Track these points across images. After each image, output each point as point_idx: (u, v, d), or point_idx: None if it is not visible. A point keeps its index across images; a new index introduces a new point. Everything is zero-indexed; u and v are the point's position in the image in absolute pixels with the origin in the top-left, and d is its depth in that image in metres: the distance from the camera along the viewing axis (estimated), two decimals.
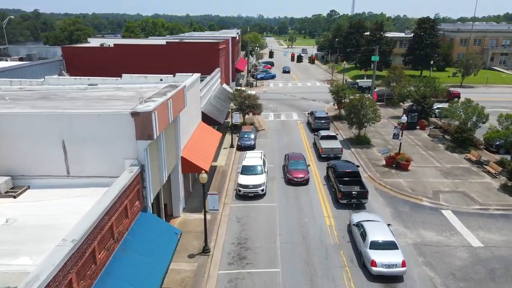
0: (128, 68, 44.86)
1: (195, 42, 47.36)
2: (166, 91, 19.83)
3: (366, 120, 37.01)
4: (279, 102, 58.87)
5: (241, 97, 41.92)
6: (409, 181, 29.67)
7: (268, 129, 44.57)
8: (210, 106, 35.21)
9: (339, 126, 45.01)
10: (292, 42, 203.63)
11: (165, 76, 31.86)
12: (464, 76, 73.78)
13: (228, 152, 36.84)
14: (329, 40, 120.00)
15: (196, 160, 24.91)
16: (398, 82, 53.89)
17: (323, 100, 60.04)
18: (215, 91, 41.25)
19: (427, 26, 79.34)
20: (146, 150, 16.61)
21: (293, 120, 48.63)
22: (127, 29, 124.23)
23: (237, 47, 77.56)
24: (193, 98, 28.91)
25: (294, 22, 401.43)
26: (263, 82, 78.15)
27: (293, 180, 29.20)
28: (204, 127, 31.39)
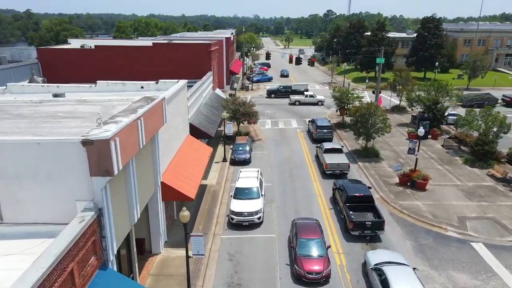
0: (111, 72, 40.68)
1: (185, 43, 43.30)
2: (138, 107, 15.73)
3: (375, 131, 33.06)
4: (277, 108, 54.84)
5: (235, 104, 37.85)
6: (429, 204, 25.71)
7: (265, 139, 40.52)
8: (199, 116, 31.11)
9: (343, 136, 41.04)
10: (288, 42, 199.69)
11: (147, 83, 27.86)
12: (471, 79, 70.07)
13: (220, 167, 32.77)
14: (327, 41, 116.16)
15: (180, 185, 20.84)
16: (404, 86, 50.01)
17: (324, 105, 56.06)
18: (206, 97, 37.18)
19: (431, 26, 75.63)
20: (105, 188, 12.53)
21: (292, 128, 44.60)
22: (118, 29, 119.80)
23: (231, 48, 73.49)
24: (178, 109, 24.84)
25: (291, 22, 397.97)
26: (259, 85, 74.10)
27: (305, 276, 17.93)
28: (192, 142, 27.30)
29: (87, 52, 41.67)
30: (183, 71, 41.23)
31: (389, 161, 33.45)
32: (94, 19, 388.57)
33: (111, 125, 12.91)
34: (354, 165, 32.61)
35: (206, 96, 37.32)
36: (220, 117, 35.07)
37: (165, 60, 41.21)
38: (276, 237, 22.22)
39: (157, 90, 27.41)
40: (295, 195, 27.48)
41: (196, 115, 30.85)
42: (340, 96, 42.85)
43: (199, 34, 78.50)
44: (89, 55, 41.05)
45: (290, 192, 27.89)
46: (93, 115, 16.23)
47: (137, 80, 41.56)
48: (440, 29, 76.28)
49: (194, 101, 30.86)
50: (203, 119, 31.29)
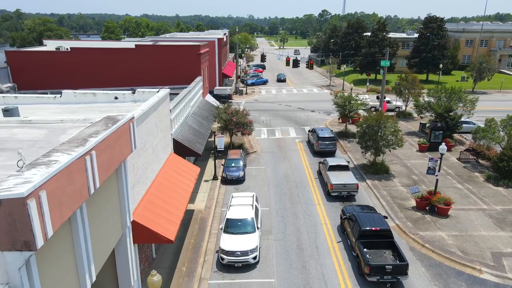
0: (88, 77, 36.52)
1: (171, 45, 39.22)
2: (91, 134, 11.65)
3: (385, 145, 29.19)
4: (273, 114, 50.86)
5: (227, 114, 33.82)
6: (454, 235, 21.86)
7: (260, 151, 36.52)
8: (186, 130, 27.04)
9: (346, 147, 37.15)
10: (283, 43, 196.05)
11: (123, 92, 23.82)
12: (477, 81, 66.58)
13: (210, 186, 28.72)
14: (324, 41, 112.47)
15: (157, 224, 16.80)
16: (411, 91, 46.28)
17: (323, 111, 52.21)
18: (194, 106, 33.15)
19: (434, 26, 72.12)
20: (27, 266, 8.48)
21: (290, 138, 40.62)
22: (107, 29, 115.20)
23: (224, 49, 69.46)
24: (158, 125, 20.79)
25: (285, 22, 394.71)
26: (254, 88, 70.12)
27: None
28: (175, 162, 23.24)
29: (62, 55, 37.46)
30: (169, 76, 37.27)
31: (401, 178, 29.60)
32: (86, 19, 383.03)
33: (39, 169, 8.84)
34: (362, 183, 28.74)
35: (194, 105, 33.29)
36: (210, 129, 31.01)
37: (149, 64, 37.15)
38: (276, 282, 18.24)
39: (134, 102, 23.37)
40: (296, 223, 23.52)
41: (182, 128, 26.79)
42: (343, 103, 38.94)
43: (190, 35, 74.38)
44: (65, 58, 36.85)
45: (290, 220, 23.92)
46: (31, 145, 12.14)
47: (118, 86, 37.53)
48: (443, 29, 72.79)
49: (180, 112, 26.81)
50: (190, 133, 27.22)
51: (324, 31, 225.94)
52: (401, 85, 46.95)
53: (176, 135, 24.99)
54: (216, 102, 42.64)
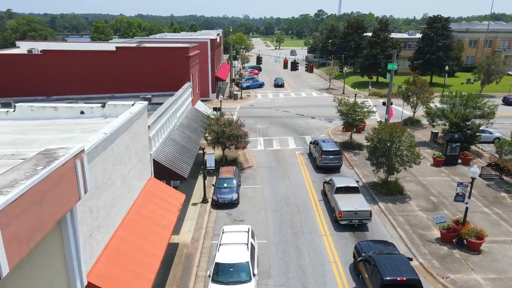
0: (62, 83, 32.42)
1: (157, 47, 35.24)
2: (10, 183, 7.69)
3: (401, 163, 25.40)
4: (270, 121, 46.96)
5: (219, 125, 29.88)
6: (492, 278, 18.08)
7: (257, 166, 32.64)
8: (170, 148, 23.08)
9: (352, 161, 33.35)
10: (279, 43, 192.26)
11: (91, 106, 19.94)
12: (484, 84, 63.11)
13: (198, 211, 24.79)
14: (321, 42, 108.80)
15: (123, 281, 12.88)
16: (420, 96, 42.59)
17: (324, 118, 48.41)
18: (182, 117, 29.22)
19: (438, 26, 68.59)
20: None
21: (289, 150, 36.75)
22: (96, 29, 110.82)
23: (218, 50, 65.53)
24: (131, 148, 16.84)
25: (281, 22, 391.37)
26: (250, 92, 66.18)
27: None
28: (155, 189, 19.31)
29: (34, 58, 33.35)
30: (155, 82, 33.35)
31: (418, 201, 25.82)
32: (79, 19, 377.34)
33: None
34: (374, 207, 24.93)
35: (182, 115, 29.35)
36: (199, 145, 27.03)
37: (132, 68, 33.17)
38: None
39: (104, 117, 19.41)
40: (300, 262, 19.64)
41: (165, 146, 22.84)
42: (347, 111, 35.11)
43: (182, 36, 70.35)
44: (36, 61, 32.76)
45: (293, 257, 20.04)
46: None
47: (96, 92, 33.42)
48: (448, 29, 69.31)
49: (162, 127, 22.87)
50: (175, 151, 23.26)
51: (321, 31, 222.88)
52: (409, 90, 43.22)
53: (157, 155, 21.06)
54: (207, 110, 38.71)
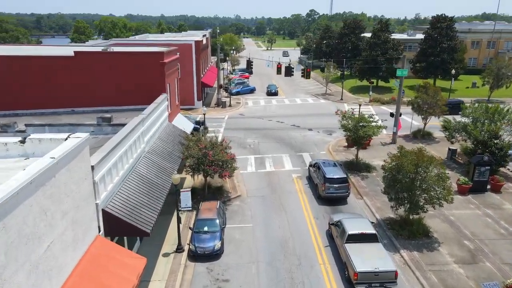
0: (4, 97, 26.66)
1: (125, 52, 29.43)
2: None
3: (429, 200, 20.02)
4: (262, 134, 41.42)
5: (199, 148, 24.23)
6: None
7: (247, 196, 27.08)
8: (130, 188, 17.39)
9: (360, 187, 27.94)
10: (271, 43, 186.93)
11: (5, 142, 14.34)
12: (493, 89, 58.31)
13: (170, 266, 19.15)
14: (315, 43, 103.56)
15: None
16: (433, 107, 37.39)
17: (323, 129, 42.99)
18: (153, 138, 23.55)
19: (443, 26, 63.64)
20: None
21: (285, 172, 31.25)
22: (76, 30, 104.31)
23: (205, 53, 59.86)
24: (55, 210, 11.21)
25: (272, 22, 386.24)
26: (239, 98, 60.53)
27: None
28: (102, 255, 13.68)
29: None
30: (122, 94, 27.71)
31: (450, 247, 20.47)
32: (66, 19, 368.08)
33: None
34: (395, 256, 19.57)
35: (153, 137, 23.68)
36: (175, 173, 21.35)
37: (94, 77, 27.41)
38: None
39: (24, 157, 13.78)
40: None
41: (123, 185, 17.17)
42: (354, 127, 29.67)
43: (165, 37, 64.46)
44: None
45: None
46: None
47: (48, 107, 27.66)
48: (453, 30, 64.35)
49: (118, 161, 17.19)
50: (137, 192, 17.59)
51: (313, 31, 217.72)
52: (420, 99, 38.00)
53: (109, 203, 15.41)
54: (188, 125, 33.06)
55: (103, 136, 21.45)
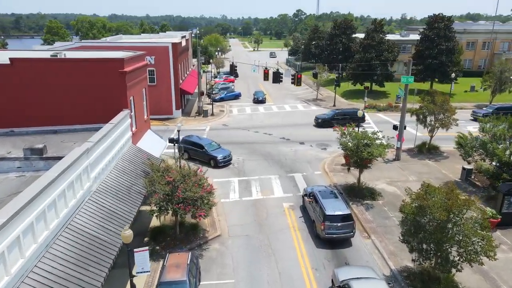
0: None
1: (78, 59, 24.00)
2: None
3: (465, 256, 15.25)
4: (248, 149, 36.41)
5: (165, 183, 19.06)
6: None
7: (228, 235, 22.04)
8: (50, 263, 12.15)
9: (366, 221, 23.13)
10: (258, 44, 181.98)
11: None
12: (495, 93, 54.44)
13: None
14: (304, 44, 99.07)
15: None
16: (439, 117, 32.95)
17: (316, 143, 38.20)
18: (102, 175, 18.32)
19: (440, 26, 59.54)
20: None
21: (274, 200, 26.28)
22: (49, 30, 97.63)
23: (184, 55, 54.56)
24: None
25: (259, 22, 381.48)
26: (223, 105, 55.41)
27: None
28: None
29: None
30: (71, 110, 22.42)
31: None
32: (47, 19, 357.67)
33: None
34: None
35: (104, 171, 18.46)
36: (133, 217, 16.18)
37: (38, 90, 22.04)
38: None
39: None
40: None
41: (40, 262, 11.95)
42: (355, 147, 24.83)
43: (140, 39, 58.82)
44: None
45: None
46: None
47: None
48: (451, 30, 60.32)
49: (30, 228, 11.97)
50: (66, 266, 12.37)
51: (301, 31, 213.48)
52: (426, 109, 33.50)
53: None
54: (159, 145, 27.86)
55: (32, 174, 16.21)
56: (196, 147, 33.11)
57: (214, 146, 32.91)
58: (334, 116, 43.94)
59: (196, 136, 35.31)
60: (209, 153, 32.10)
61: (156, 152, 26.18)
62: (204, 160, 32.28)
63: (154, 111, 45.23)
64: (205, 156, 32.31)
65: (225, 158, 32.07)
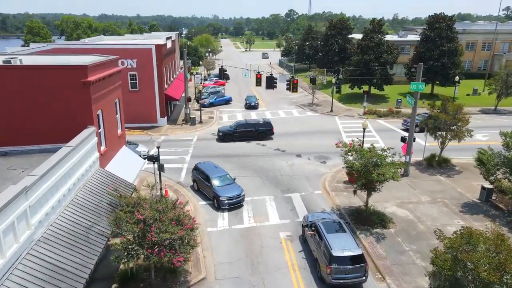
0: None
1: (32, 66, 20.10)
2: None
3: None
4: (239, 163, 32.71)
5: (134, 222, 15.30)
6: None
7: (214, 278, 18.32)
8: None
9: (377, 256, 19.57)
10: (250, 44, 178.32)
11: None
12: (501, 97, 51.41)
13: None
14: (297, 44, 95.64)
15: None
16: (451, 128, 29.63)
17: (314, 155, 34.64)
18: (51, 217, 14.52)
19: (442, 26, 56.37)
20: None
21: (269, 229, 22.61)
22: (30, 30, 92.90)
23: (171, 58, 50.70)
24: None
25: (251, 22, 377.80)
26: (213, 111, 51.65)
27: None
28: None
29: None
30: (29, 128, 18.60)
31: None
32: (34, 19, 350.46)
33: None
34: None
35: (54, 211, 14.66)
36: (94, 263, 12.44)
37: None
38: None
39: None
40: None
41: None
42: (363, 167, 21.28)
43: (122, 40, 54.72)
44: None
45: None
46: None
47: None
48: (453, 31, 57.18)
49: None
50: None
51: (293, 31, 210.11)
52: (436, 118, 30.12)
53: None
54: (137, 165, 24.06)
55: None
56: (203, 178, 26.38)
57: (224, 180, 25.74)
58: (236, 128, 38.36)
59: (211, 163, 27.97)
60: (214, 189, 25.02)
61: (131, 174, 22.40)
62: (209, 197, 25.89)
63: (137, 119, 41.45)
64: (210, 192, 25.52)
65: (232, 200, 24.51)
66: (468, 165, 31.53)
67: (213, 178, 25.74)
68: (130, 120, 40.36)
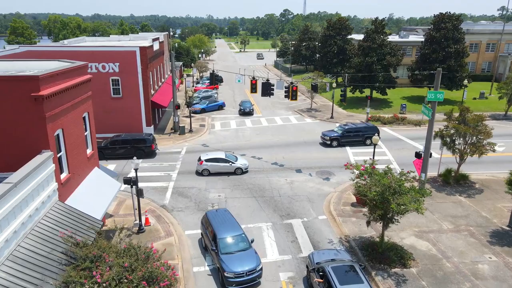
0: None
1: None
2: None
3: None
4: (232, 181, 28.99)
5: (92, 283, 11.63)
6: None
7: None
8: None
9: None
10: (244, 45, 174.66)
11: None
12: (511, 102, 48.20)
13: None
14: (294, 45, 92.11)
15: None
16: (472, 140, 26.21)
17: (316, 169, 31.06)
18: None
19: (448, 27, 53.06)
20: None
21: (267, 268, 18.94)
22: (13, 31, 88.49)
23: (159, 61, 46.91)
24: None
25: (246, 22, 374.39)
26: (205, 118, 47.94)
27: None
28: None
29: None
30: None
31: None
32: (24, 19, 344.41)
33: None
34: None
35: None
36: None
37: None
38: None
39: None
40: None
41: None
42: (380, 195, 17.75)
43: (105, 41, 50.72)
44: None
45: None
46: None
47: None
48: (460, 31, 53.89)
49: None
50: None
51: (288, 31, 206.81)
52: (454, 129, 26.67)
53: None
54: (109, 193, 20.33)
55: None
56: (209, 236, 19.29)
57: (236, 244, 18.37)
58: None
59: (226, 213, 20.66)
60: (219, 256, 17.84)
61: (103, 203, 18.69)
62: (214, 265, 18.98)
63: (120, 129, 37.61)
64: (215, 259, 18.42)
65: (243, 277, 16.98)
66: (488, 182, 28.18)
67: (221, 238, 18.34)
68: (112, 130, 36.61)
